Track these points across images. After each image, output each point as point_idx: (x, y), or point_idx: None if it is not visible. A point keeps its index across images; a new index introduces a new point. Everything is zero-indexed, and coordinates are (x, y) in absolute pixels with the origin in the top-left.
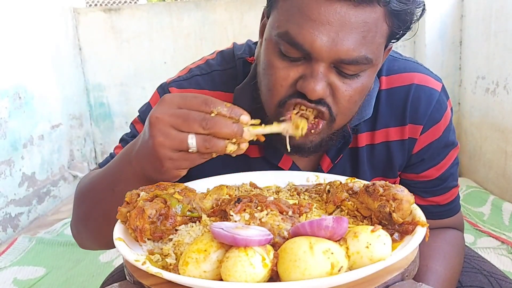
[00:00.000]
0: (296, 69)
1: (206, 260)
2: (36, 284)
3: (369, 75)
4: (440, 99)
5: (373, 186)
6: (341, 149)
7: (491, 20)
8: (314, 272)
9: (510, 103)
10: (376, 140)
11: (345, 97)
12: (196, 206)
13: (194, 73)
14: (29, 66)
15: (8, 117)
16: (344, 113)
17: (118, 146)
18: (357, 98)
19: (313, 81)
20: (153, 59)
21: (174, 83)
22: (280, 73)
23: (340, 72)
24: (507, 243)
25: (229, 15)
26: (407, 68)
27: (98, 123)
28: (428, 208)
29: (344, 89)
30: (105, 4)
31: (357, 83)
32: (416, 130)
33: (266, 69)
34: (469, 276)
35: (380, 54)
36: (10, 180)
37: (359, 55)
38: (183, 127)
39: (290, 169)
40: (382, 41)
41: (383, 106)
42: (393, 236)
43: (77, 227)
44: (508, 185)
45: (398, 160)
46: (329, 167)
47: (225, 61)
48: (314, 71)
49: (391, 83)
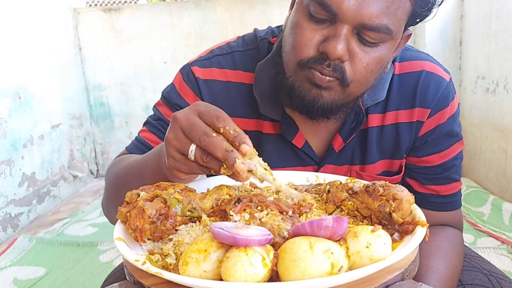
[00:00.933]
0: (321, 32)
1: (206, 260)
2: (36, 284)
3: (388, 48)
4: (448, 88)
5: (373, 186)
6: (354, 129)
7: (491, 20)
8: (314, 272)
9: (510, 103)
10: (386, 122)
11: (362, 64)
12: (196, 206)
13: (216, 53)
14: (29, 66)
15: (8, 116)
16: (359, 81)
17: (143, 130)
18: (373, 67)
19: (336, 41)
20: (153, 58)
21: (196, 63)
22: (306, 33)
23: (361, 39)
24: (507, 243)
25: (229, 15)
26: (419, 57)
27: (98, 123)
28: (427, 197)
29: (362, 56)
30: (105, 4)
31: (375, 52)
32: (424, 113)
33: (293, 28)
34: (469, 274)
35: (400, 30)
36: (10, 180)
37: (381, 23)
38: (188, 133)
39: (303, 147)
40: (404, 18)
41: (394, 90)
42: (393, 236)
43: (108, 206)
44: (508, 185)
45: (405, 141)
46: (341, 146)
47: (246, 43)
48: (337, 32)
49: (403, 68)
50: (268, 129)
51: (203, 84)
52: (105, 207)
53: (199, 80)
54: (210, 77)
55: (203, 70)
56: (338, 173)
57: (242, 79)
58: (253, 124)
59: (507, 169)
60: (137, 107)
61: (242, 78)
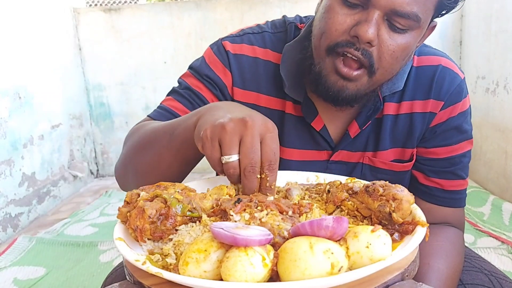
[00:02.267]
0: (353, 17)
1: (206, 260)
2: (36, 284)
3: (414, 37)
4: (462, 84)
5: (373, 186)
6: (370, 116)
7: (491, 20)
8: (314, 272)
9: (510, 103)
10: (401, 111)
11: (389, 51)
12: (196, 206)
13: (246, 31)
14: (29, 66)
15: (8, 117)
16: (385, 67)
17: (168, 99)
18: (399, 54)
19: (367, 24)
20: (154, 58)
21: (227, 38)
22: (338, 17)
23: (391, 25)
24: (507, 243)
25: (229, 15)
26: (437, 53)
27: (98, 123)
28: (431, 190)
29: (389, 42)
30: (105, 4)
31: (403, 39)
32: (437, 105)
33: (325, 12)
34: (470, 274)
35: (428, 19)
36: (10, 180)
37: (411, 10)
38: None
39: (321, 131)
40: (431, 7)
41: (411, 81)
42: (393, 236)
43: (126, 167)
44: (508, 185)
45: (417, 131)
46: (356, 132)
47: (275, 26)
48: (369, 16)
49: (421, 61)
50: (290, 109)
51: (233, 58)
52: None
53: (230, 54)
54: (240, 51)
55: (234, 45)
56: (351, 159)
57: (270, 57)
58: (277, 103)
59: (507, 169)
60: (137, 107)
61: (270, 56)
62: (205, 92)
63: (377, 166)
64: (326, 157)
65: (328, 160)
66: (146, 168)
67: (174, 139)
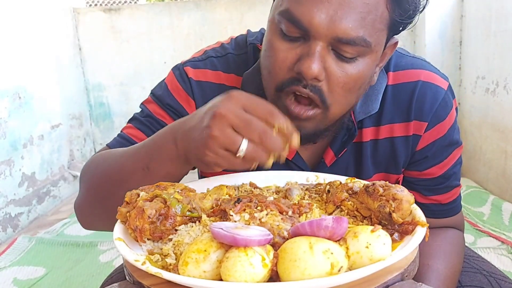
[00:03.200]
0: (295, 50)
1: (206, 260)
2: (36, 284)
3: (367, 63)
4: (446, 98)
5: (373, 186)
6: (346, 143)
7: (491, 20)
8: (314, 272)
9: (510, 103)
10: (380, 136)
11: (340, 83)
12: (196, 206)
13: (209, 54)
14: (29, 66)
15: (8, 117)
16: (339, 101)
17: (128, 126)
18: (352, 85)
19: (310, 59)
20: (153, 59)
21: (189, 63)
22: (279, 54)
23: (338, 55)
24: (507, 243)
25: (229, 15)
26: (414, 64)
27: (98, 123)
28: (429, 206)
29: (339, 74)
30: (105, 4)
31: (354, 69)
32: (420, 126)
33: (267, 50)
34: (468, 275)
35: (380, 41)
36: (10, 180)
37: (357, 35)
38: (243, 131)
39: (294, 159)
40: (382, 28)
41: (388, 102)
42: (393, 236)
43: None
44: (508, 185)
45: (402, 156)
46: (332, 160)
47: (238, 46)
48: (311, 49)
49: (397, 79)
50: None
51: (196, 85)
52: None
53: (192, 81)
54: (204, 78)
55: (196, 71)
56: None
57: (235, 83)
58: None
59: (507, 169)
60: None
61: (235, 82)
62: (168, 120)
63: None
64: None
65: None
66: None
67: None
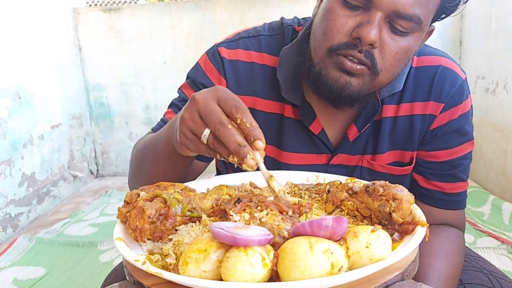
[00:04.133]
0: (355, 18)
1: (206, 260)
2: (36, 284)
3: (415, 39)
4: (464, 85)
5: (373, 186)
6: (369, 119)
7: (491, 20)
8: (314, 272)
9: (510, 103)
10: (400, 113)
11: (392, 52)
12: (196, 206)
13: (242, 35)
14: (29, 66)
15: (8, 117)
16: (388, 69)
17: (169, 111)
18: (401, 56)
19: (370, 26)
20: (153, 58)
21: (223, 44)
22: (339, 19)
23: (392, 28)
24: (507, 243)
25: (229, 15)
26: (437, 53)
27: (98, 123)
28: (432, 193)
29: (392, 44)
30: (105, 4)
31: (404, 41)
32: (437, 107)
33: (326, 14)
34: (469, 274)
35: (428, 21)
36: (10, 180)
37: (414, 12)
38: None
39: (319, 134)
40: (433, 10)
41: (410, 82)
42: (393, 236)
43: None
44: (508, 185)
45: (416, 133)
46: (355, 136)
47: (272, 29)
48: (371, 18)
49: (421, 62)
50: (289, 113)
51: (228, 64)
52: (130, 183)
53: (225, 60)
54: (236, 57)
55: (229, 51)
56: (350, 162)
57: (266, 61)
58: (276, 106)
59: (507, 169)
60: (137, 107)
61: (266, 60)
62: None
63: (376, 170)
64: (325, 161)
65: (327, 164)
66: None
67: (160, 153)
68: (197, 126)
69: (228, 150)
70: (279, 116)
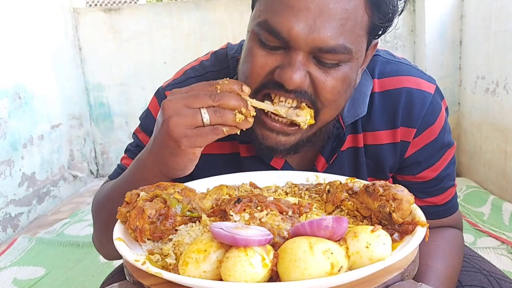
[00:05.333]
0: (275, 58)
1: (206, 260)
2: (36, 284)
3: (350, 68)
4: (434, 101)
5: (373, 186)
6: (335, 148)
7: (491, 20)
8: (314, 272)
9: (510, 103)
10: (368, 141)
11: (327, 87)
12: (196, 206)
13: (189, 75)
14: (29, 66)
15: (8, 117)
16: (329, 105)
17: (124, 157)
18: (340, 88)
19: (291, 69)
20: (153, 59)
21: (169, 87)
22: (258, 60)
23: (320, 62)
24: (507, 243)
25: (228, 15)
26: (399, 71)
27: (98, 123)
28: (425, 208)
29: (324, 79)
30: (105, 4)
31: (338, 72)
32: (409, 133)
33: (246, 56)
34: (468, 275)
35: (361, 47)
36: (10, 180)
37: (337, 43)
38: (195, 103)
39: (283, 168)
40: (363, 33)
41: (375, 109)
42: (393, 236)
43: (100, 240)
44: (508, 185)
45: (388, 162)
46: (324, 167)
47: (219, 62)
48: (292, 59)
49: (383, 86)
50: (244, 152)
51: None
52: (97, 242)
53: None
54: None
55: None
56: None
57: None
58: (229, 147)
59: (507, 169)
60: (137, 107)
61: None
62: None
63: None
64: None
65: None
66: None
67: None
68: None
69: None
70: (235, 156)
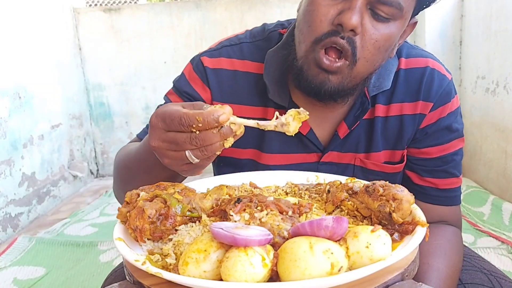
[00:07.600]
0: (336, 6)
1: (206, 260)
2: (36, 284)
3: (397, 27)
4: (450, 86)
5: (373, 186)
6: (359, 117)
7: (491, 20)
8: (314, 272)
9: (510, 103)
10: (390, 113)
11: (372, 40)
12: (196, 206)
13: (224, 44)
14: (29, 66)
15: (8, 116)
16: (366, 57)
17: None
18: (382, 44)
19: (350, 12)
20: (153, 58)
21: (205, 53)
22: (321, 9)
23: (374, 14)
24: (507, 243)
25: (229, 15)
26: (424, 54)
27: (98, 123)
28: (426, 189)
29: (372, 31)
30: (105, 4)
31: (385, 29)
32: (426, 106)
33: (308, 5)
34: (469, 274)
35: (410, 9)
36: (10, 180)
37: None
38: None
39: (307, 134)
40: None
41: (400, 83)
42: (393, 236)
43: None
44: (508, 185)
45: (408, 133)
46: (345, 133)
47: (253, 35)
48: (352, 4)
49: (409, 64)
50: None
51: (211, 73)
52: (115, 191)
53: (208, 69)
54: (218, 66)
55: (212, 60)
56: (342, 160)
57: (248, 68)
58: (259, 111)
59: (507, 169)
60: (137, 107)
61: (248, 67)
62: None
63: (368, 168)
64: (315, 159)
65: (318, 162)
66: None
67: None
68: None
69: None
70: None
